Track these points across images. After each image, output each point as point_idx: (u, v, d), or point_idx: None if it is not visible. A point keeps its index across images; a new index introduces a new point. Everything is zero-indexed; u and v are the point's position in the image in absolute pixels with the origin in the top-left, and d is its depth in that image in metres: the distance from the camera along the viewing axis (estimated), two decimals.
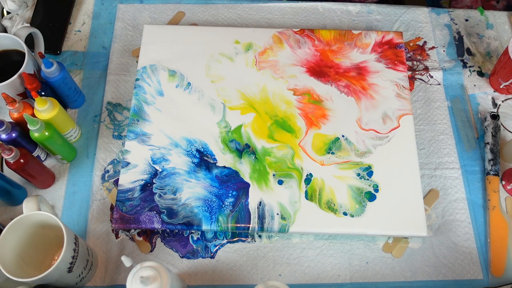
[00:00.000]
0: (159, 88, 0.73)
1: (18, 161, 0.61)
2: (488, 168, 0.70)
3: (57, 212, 0.67)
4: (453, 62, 0.80)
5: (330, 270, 0.64)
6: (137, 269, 0.50)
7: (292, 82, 0.74)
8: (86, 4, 0.85)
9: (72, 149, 0.70)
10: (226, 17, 0.84)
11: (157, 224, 0.63)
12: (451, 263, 0.65)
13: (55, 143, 0.65)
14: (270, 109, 0.72)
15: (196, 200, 0.65)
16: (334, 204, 0.65)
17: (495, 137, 0.71)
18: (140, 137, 0.69)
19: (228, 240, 0.66)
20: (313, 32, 0.78)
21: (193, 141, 0.69)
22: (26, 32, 0.70)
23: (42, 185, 0.68)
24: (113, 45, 0.81)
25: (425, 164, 0.72)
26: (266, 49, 0.77)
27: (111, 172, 0.70)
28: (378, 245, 0.66)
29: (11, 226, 0.54)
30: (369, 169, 0.67)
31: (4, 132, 0.63)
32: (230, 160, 0.68)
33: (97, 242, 0.66)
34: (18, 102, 0.63)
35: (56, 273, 0.53)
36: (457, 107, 0.77)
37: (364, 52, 0.77)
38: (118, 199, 0.65)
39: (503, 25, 0.85)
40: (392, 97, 0.73)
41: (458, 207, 0.69)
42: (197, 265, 0.64)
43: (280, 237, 0.66)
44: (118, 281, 0.63)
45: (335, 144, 0.69)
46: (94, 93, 0.76)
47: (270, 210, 0.64)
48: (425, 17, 0.85)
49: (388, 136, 0.70)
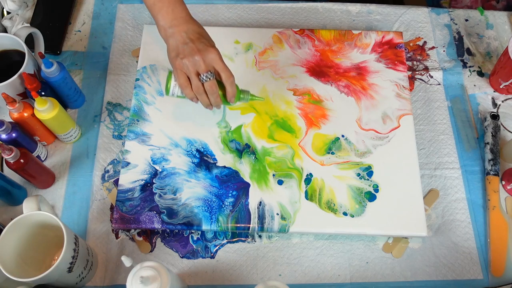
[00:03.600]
0: (159, 88, 0.73)
1: (18, 161, 0.61)
2: (488, 168, 0.70)
3: (57, 212, 0.67)
4: (453, 62, 0.80)
5: (330, 270, 0.64)
6: (137, 269, 0.50)
7: (292, 82, 0.74)
8: (86, 4, 0.85)
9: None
10: (226, 17, 0.84)
11: (157, 224, 0.63)
12: (451, 263, 0.65)
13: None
14: (270, 109, 0.72)
15: (196, 200, 0.65)
16: (334, 204, 0.65)
17: (495, 137, 0.71)
18: (140, 137, 0.69)
19: (228, 240, 0.66)
20: (313, 32, 0.78)
21: (193, 141, 0.69)
22: (26, 32, 0.70)
23: (42, 185, 0.68)
24: (113, 45, 0.81)
25: (425, 164, 0.72)
26: (266, 49, 0.77)
27: (111, 172, 0.70)
28: (378, 245, 0.66)
29: (11, 226, 0.54)
30: (369, 169, 0.67)
31: (4, 132, 0.63)
32: (230, 160, 0.68)
33: (97, 242, 0.66)
34: (18, 102, 0.63)
35: (56, 273, 0.53)
36: (457, 107, 0.77)
37: (364, 52, 0.77)
38: (118, 199, 0.65)
39: (503, 25, 0.85)
40: (392, 97, 0.73)
41: (458, 207, 0.69)
42: (197, 265, 0.64)
43: (280, 237, 0.66)
44: (118, 281, 0.63)
45: (335, 144, 0.69)
46: (94, 93, 0.76)
47: (270, 210, 0.64)
48: (425, 17, 0.85)
49: (388, 136, 0.70)
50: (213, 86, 0.61)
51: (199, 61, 0.59)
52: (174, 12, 0.61)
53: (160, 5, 0.61)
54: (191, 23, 0.61)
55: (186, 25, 0.60)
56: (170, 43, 0.61)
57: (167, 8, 0.60)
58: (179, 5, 0.61)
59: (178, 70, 0.60)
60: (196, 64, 0.59)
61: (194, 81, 0.60)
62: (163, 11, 0.61)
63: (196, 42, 0.59)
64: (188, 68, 0.59)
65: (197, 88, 0.60)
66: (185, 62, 0.59)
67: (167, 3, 0.61)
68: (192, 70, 0.59)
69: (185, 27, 0.60)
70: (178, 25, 0.60)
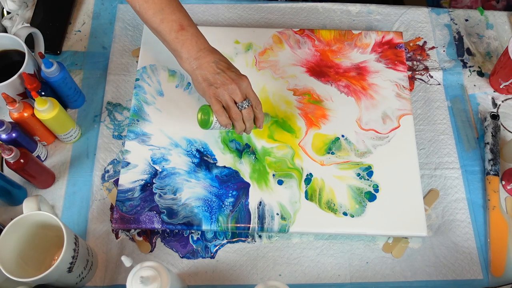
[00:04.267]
0: (159, 88, 0.73)
1: (18, 161, 0.61)
2: (488, 168, 0.70)
3: (57, 212, 0.67)
4: (453, 62, 0.80)
5: (330, 270, 0.64)
6: (137, 269, 0.50)
7: (292, 82, 0.74)
8: (86, 4, 0.85)
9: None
10: (226, 17, 0.84)
11: (157, 224, 0.63)
12: (451, 263, 0.65)
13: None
14: (270, 109, 0.72)
15: (196, 200, 0.65)
16: (334, 204, 0.65)
17: (495, 137, 0.71)
18: (140, 137, 0.69)
19: (228, 240, 0.66)
20: (313, 32, 0.78)
21: (193, 141, 0.69)
22: (26, 32, 0.70)
23: (42, 185, 0.68)
24: (113, 45, 0.81)
25: (425, 164, 0.72)
26: (266, 49, 0.77)
27: (111, 172, 0.70)
28: (378, 245, 0.66)
29: (11, 226, 0.54)
30: (369, 169, 0.67)
31: (4, 132, 0.63)
32: (230, 160, 0.68)
33: (97, 242, 0.66)
34: (18, 102, 0.63)
35: (56, 273, 0.53)
36: (457, 107, 0.77)
37: (364, 52, 0.77)
38: (118, 199, 0.65)
39: (503, 25, 0.85)
40: (392, 97, 0.73)
41: (458, 207, 0.69)
42: (197, 265, 0.64)
43: (280, 237, 0.66)
44: (118, 281, 0.63)
45: (335, 144, 0.69)
46: (94, 93, 0.76)
47: (270, 210, 0.64)
48: (425, 17, 0.85)
49: (388, 136, 0.70)
50: (251, 113, 0.62)
51: (236, 89, 0.60)
52: (198, 44, 0.61)
53: (183, 38, 0.61)
54: (215, 53, 0.62)
55: (213, 55, 0.61)
56: (198, 74, 0.61)
57: (190, 41, 0.61)
58: (201, 37, 0.62)
59: (213, 98, 0.60)
60: (233, 93, 0.60)
61: (233, 108, 0.60)
62: (187, 44, 0.61)
63: (227, 72, 0.60)
64: (224, 96, 0.60)
65: (236, 115, 0.61)
66: (221, 91, 0.59)
67: (190, 36, 0.61)
68: (229, 99, 0.60)
69: (212, 57, 0.61)
70: (205, 56, 0.61)
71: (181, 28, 0.61)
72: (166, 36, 0.61)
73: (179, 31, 0.61)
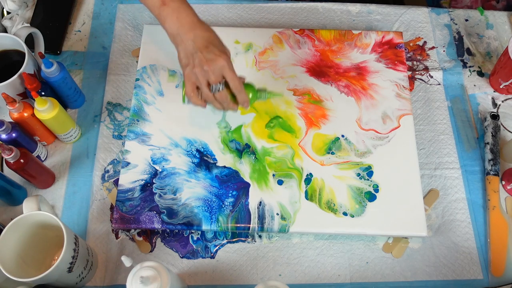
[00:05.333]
0: (159, 88, 0.73)
1: (18, 161, 0.61)
2: (488, 168, 0.70)
3: (57, 212, 0.67)
4: (453, 62, 0.80)
5: (330, 270, 0.64)
6: (137, 269, 0.50)
7: (292, 82, 0.74)
8: (86, 4, 0.85)
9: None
10: (226, 17, 0.84)
11: (157, 224, 0.63)
12: (451, 263, 0.65)
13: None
14: (270, 109, 0.72)
15: (196, 200, 0.65)
16: (334, 204, 0.65)
17: (495, 137, 0.71)
18: (140, 137, 0.69)
19: (228, 240, 0.66)
20: (313, 32, 0.78)
21: (193, 141, 0.69)
22: (26, 32, 0.70)
23: (42, 185, 0.68)
24: (113, 45, 0.81)
25: (425, 164, 0.72)
26: (266, 49, 0.77)
27: (111, 172, 0.70)
28: (378, 245, 0.66)
29: (11, 226, 0.54)
30: (369, 169, 0.67)
31: (4, 132, 0.63)
32: (230, 160, 0.68)
33: (97, 242, 0.66)
34: (18, 102, 0.63)
35: (56, 273, 0.53)
36: (457, 107, 0.77)
37: (364, 52, 0.77)
38: (118, 199, 0.65)
39: (503, 25, 0.85)
40: (392, 97, 0.73)
41: (458, 207, 0.69)
42: (197, 265, 0.64)
43: (280, 237, 0.66)
44: (118, 281, 0.63)
45: (335, 144, 0.69)
46: (94, 93, 0.76)
47: (270, 210, 0.64)
48: (425, 17, 0.85)
49: (388, 136, 0.70)
50: (223, 96, 0.60)
51: (208, 71, 0.57)
52: (179, 19, 0.59)
53: (165, 14, 0.59)
54: (198, 28, 0.59)
55: (193, 32, 0.58)
56: (180, 51, 0.59)
57: (171, 16, 0.59)
58: (183, 11, 0.59)
59: (186, 79, 0.59)
60: (206, 75, 0.58)
61: (204, 90, 0.59)
62: (168, 20, 0.59)
63: (204, 52, 0.57)
64: (197, 78, 0.58)
65: (207, 97, 0.59)
66: (194, 73, 0.58)
67: (171, 11, 0.59)
68: (202, 81, 0.58)
69: (192, 34, 0.58)
70: (185, 32, 0.58)
71: (163, 3, 0.58)
72: (154, 13, 0.60)
73: (160, 6, 0.59)
